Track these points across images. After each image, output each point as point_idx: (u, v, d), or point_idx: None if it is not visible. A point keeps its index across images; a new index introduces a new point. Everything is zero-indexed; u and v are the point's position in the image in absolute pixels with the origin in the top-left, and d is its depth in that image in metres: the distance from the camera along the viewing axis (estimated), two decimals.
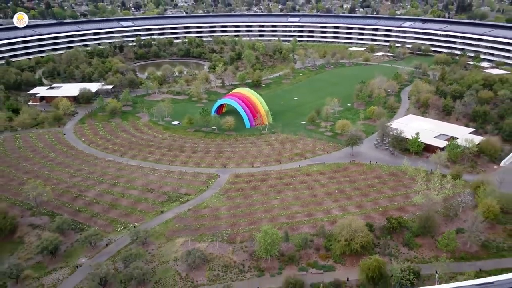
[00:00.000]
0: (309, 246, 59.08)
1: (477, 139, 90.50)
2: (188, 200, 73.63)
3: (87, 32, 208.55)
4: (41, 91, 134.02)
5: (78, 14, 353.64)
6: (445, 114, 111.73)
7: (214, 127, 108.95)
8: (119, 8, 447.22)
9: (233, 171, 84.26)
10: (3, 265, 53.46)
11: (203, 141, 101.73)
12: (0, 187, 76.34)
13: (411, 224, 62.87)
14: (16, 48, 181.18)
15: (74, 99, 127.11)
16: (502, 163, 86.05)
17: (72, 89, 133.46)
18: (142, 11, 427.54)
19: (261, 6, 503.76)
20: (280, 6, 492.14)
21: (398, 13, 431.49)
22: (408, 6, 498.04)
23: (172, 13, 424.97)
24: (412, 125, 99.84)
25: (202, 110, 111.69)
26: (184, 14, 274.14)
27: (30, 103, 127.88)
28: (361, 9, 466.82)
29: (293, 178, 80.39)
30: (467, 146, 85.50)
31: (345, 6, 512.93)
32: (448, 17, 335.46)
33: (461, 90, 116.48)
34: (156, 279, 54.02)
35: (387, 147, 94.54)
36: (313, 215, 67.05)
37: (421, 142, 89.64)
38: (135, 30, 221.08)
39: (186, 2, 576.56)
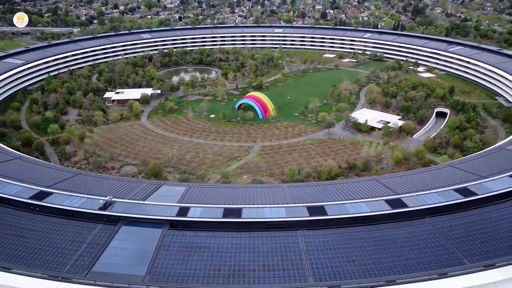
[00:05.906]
0: (310, 176, 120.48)
1: (401, 122, 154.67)
2: (240, 159, 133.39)
3: (117, 45, 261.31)
4: (112, 95, 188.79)
5: (85, 19, 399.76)
6: (386, 107, 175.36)
7: (239, 118, 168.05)
8: (116, 12, 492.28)
9: (260, 144, 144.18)
10: None
11: (235, 127, 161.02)
12: (136, 155, 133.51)
13: (359, 165, 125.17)
14: (68, 60, 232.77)
15: (137, 100, 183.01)
16: (414, 136, 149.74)
17: (132, 93, 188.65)
18: (138, 15, 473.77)
19: (243, 8, 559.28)
20: (259, 8, 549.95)
21: (363, 15, 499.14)
22: (372, 7, 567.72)
23: (165, 16, 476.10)
24: (364, 115, 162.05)
25: (232, 107, 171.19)
26: (191, 27, 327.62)
27: (106, 103, 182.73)
28: (331, 11, 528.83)
29: (296, 147, 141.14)
30: (394, 127, 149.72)
31: (317, 7, 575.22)
32: (404, 21, 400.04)
33: (397, 91, 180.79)
34: None
35: (349, 129, 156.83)
36: (310, 163, 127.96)
37: (369, 125, 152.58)
38: (154, 42, 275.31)
39: (172, 3, 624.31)
